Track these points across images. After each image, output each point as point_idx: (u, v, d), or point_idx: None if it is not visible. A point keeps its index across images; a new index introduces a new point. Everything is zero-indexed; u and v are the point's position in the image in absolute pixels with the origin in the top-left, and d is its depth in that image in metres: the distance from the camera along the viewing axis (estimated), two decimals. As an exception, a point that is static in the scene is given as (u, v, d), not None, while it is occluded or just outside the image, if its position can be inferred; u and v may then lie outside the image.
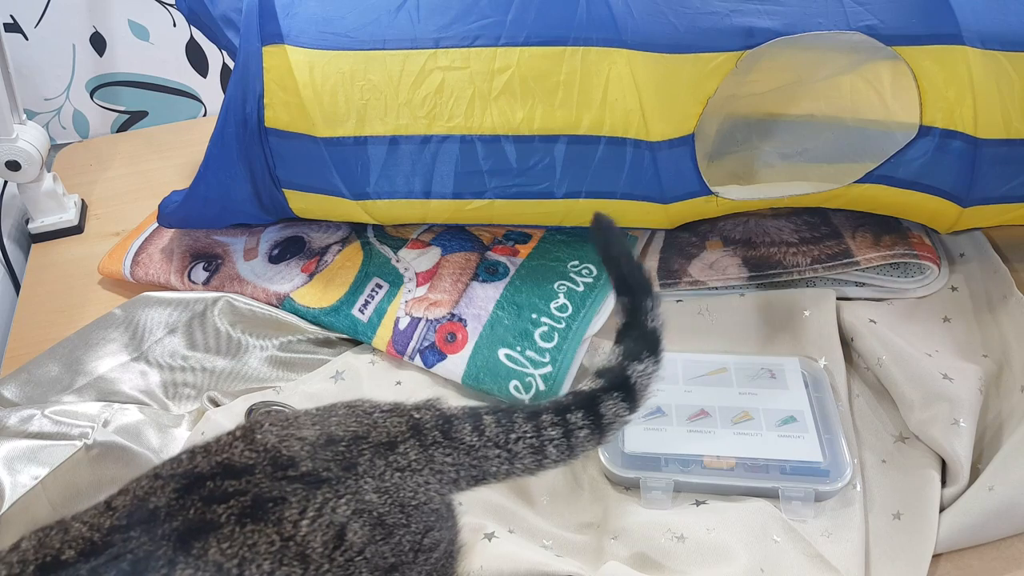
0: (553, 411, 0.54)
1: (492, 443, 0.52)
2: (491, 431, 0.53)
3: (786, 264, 0.82)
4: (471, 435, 0.52)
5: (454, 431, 0.52)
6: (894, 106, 0.82)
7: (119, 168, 1.13)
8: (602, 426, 0.55)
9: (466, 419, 0.53)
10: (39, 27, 1.10)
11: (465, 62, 0.74)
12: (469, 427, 0.52)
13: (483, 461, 0.52)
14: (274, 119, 0.77)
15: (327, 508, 0.47)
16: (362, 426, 0.51)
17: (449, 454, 0.51)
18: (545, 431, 0.53)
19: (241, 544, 0.45)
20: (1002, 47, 0.71)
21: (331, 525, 0.47)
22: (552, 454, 0.53)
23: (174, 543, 0.45)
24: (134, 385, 0.78)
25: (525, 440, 0.53)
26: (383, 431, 0.51)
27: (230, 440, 0.50)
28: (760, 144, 0.90)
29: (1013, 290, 0.79)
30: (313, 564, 0.46)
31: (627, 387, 0.56)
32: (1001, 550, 0.63)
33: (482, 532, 0.63)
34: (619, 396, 0.56)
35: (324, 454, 0.49)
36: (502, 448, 0.52)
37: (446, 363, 0.77)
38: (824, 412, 0.71)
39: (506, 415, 0.54)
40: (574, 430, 0.54)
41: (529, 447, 0.53)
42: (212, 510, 0.46)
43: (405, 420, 0.52)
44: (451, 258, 0.85)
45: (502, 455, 0.52)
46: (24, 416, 0.72)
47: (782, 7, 0.73)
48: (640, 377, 0.57)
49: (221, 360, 0.81)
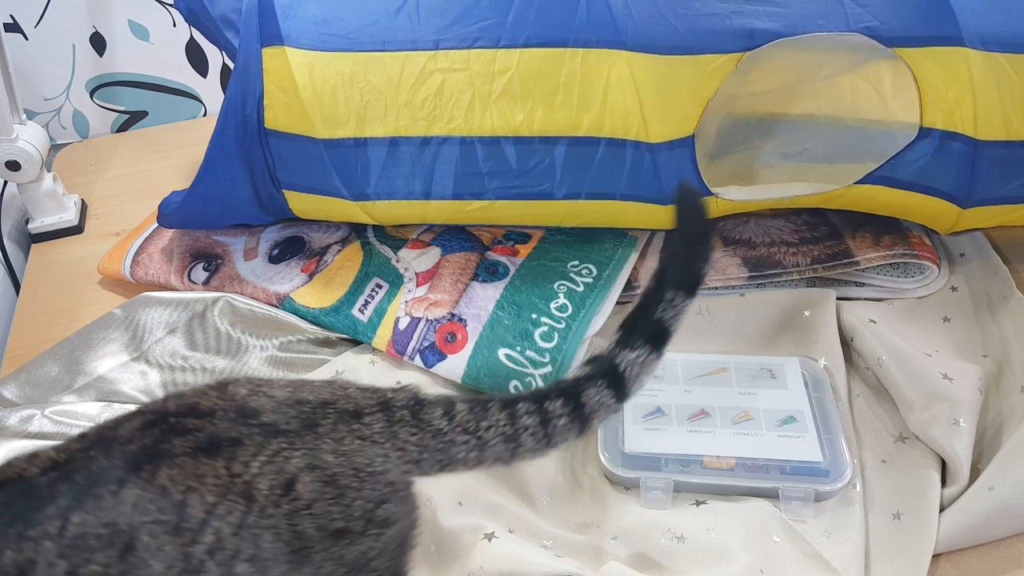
0: (531, 399, 0.53)
1: (461, 429, 0.52)
2: (462, 417, 0.52)
3: (786, 264, 0.82)
4: (440, 419, 0.52)
5: (423, 413, 0.52)
6: (894, 107, 0.82)
7: (119, 168, 1.13)
8: (583, 415, 0.53)
9: (439, 404, 0.53)
10: (39, 27, 1.10)
11: (465, 64, 0.74)
12: (440, 411, 0.52)
13: (450, 446, 0.52)
14: (274, 120, 0.77)
15: (280, 456, 0.48)
16: (333, 395, 0.52)
17: (414, 434, 0.51)
18: (520, 420, 0.52)
19: (190, 474, 0.47)
20: (1002, 48, 0.71)
21: (281, 472, 0.47)
22: (527, 443, 0.53)
23: (126, 464, 0.47)
24: (134, 385, 0.78)
25: (497, 428, 0.52)
26: (352, 401, 0.51)
27: (204, 388, 0.52)
28: (760, 144, 0.90)
29: (1013, 290, 0.79)
30: (257, 505, 0.46)
31: (615, 375, 0.54)
32: (1001, 550, 0.64)
33: (482, 532, 0.63)
34: (604, 384, 0.54)
35: (288, 411, 0.50)
36: (471, 435, 0.52)
37: (446, 363, 0.77)
38: (824, 412, 0.71)
39: (481, 404, 0.53)
40: (552, 419, 0.53)
41: (501, 435, 0.52)
42: (169, 440, 0.48)
43: (377, 396, 0.52)
44: (451, 258, 0.85)
45: (471, 442, 0.52)
46: (24, 416, 0.72)
47: (782, 9, 0.73)
48: (630, 367, 0.54)
49: (221, 360, 0.81)
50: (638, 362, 0.55)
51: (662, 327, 0.56)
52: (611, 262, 0.83)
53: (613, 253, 0.84)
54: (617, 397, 0.54)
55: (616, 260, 0.84)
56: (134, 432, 0.49)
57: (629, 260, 0.84)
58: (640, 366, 0.55)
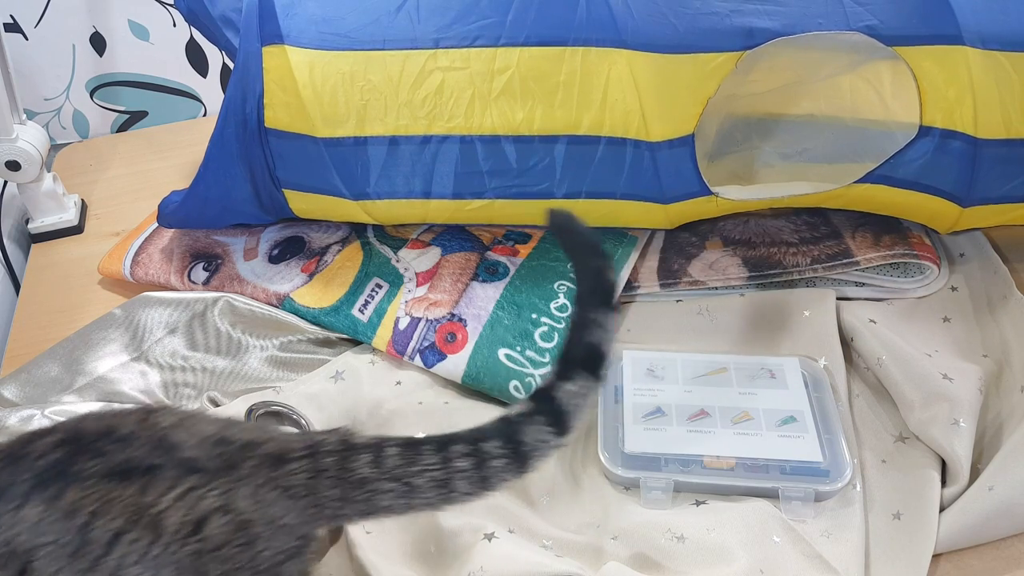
0: (467, 440, 0.51)
1: (389, 477, 0.50)
2: (391, 463, 0.50)
3: (786, 264, 0.82)
4: (367, 467, 0.50)
5: (350, 461, 0.50)
6: (894, 106, 0.82)
7: (119, 168, 1.13)
8: (522, 454, 0.51)
9: (368, 449, 0.50)
10: (39, 27, 1.10)
11: (465, 62, 0.74)
12: (368, 458, 0.50)
13: (374, 495, 0.50)
14: (274, 119, 0.77)
15: (195, 493, 0.46)
16: (259, 437, 0.50)
17: (336, 486, 0.49)
18: (453, 463, 0.50)
19: (98, 498, 0.45)
20: (1002, 47, 0.71)
21: (193, 509, 0.46)
22: (461, 487, 0.50)
23: (33, 482, 0.46)
24: (134, 385, 0.78)
25: (428, 473, 0.50)
26: (278, 445, 0.50)
27: (126, 412, 0.51)
28: (760, 144, 0.90)
29: (1013, 290, 0.79)
30: (163, 539, 0.45)
31: (554, 411, 0.52)
32: (1001, 550, 0.63)
33: (482, 532, 0.63)
34: (544, 421, 0.52)
35: (211, 449, 0.48)
36: (399, 482, 0.50)
37: (446, 363, 0.77)
38: (824, 412, 0.71)
39: (413, 447, 0.51)
40: (488, 460, 0.51)
41: (432, 480, 0.50)
42: (80, 461, 0.47)
43: (305, 440, 0.51)
44: (451, 258, 0.85)
45: (399, 489, 0.50)
46: (24, 416, 0.72)
47: (782, 7, 0.73)
48: (570, 399, 0.53)
49: (221, 360, 0.81)
50: (577, 393, 0.53)
51: (596, 350, 0.55)
52: (611, 262, 0.83)
53: (613, 253, 0.84)
54: (557, 432, 0.52)
55: (616, 260, 0.84)
56: (46, 449, 0.47)
57: (629, 260, 0.84)
58: (580, 396, 0.53)
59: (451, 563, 0.63)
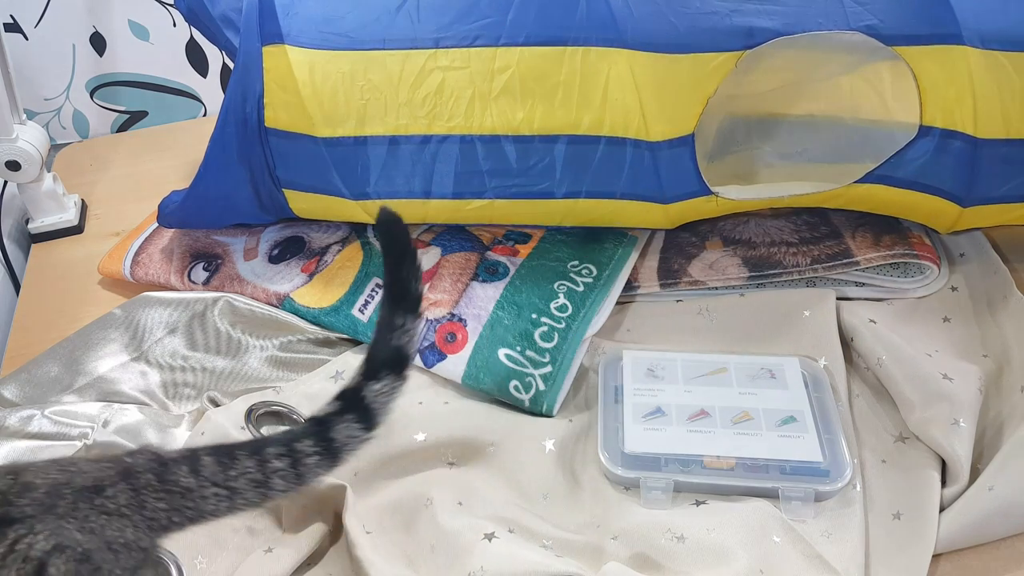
0: (280, 443, 0.54)
1: (210, 483, 0.52)
2: (209, 471, 0.52)
3: (786, 264, 0.82)
4: (187, 477, 0.51)
5: (169, 474, 0.51)
6: (894, 106, 0.82)
7: (119, 168, 1.13)
8: (333, 450, 0.55)
9: (183, 461, 0.52)
10: (39, 27, 1.10)
11: (465, 62, 0.74)
12: (186, 469, 0.52)
13: (200, 502, 0.51)
14: (274, 119, 0.77)
15: (22, 543, 0.46)
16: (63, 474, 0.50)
17: (162, 499, 0.50)
18: (270, 463, 0.53)
19: None
20: (1002, 47, 0.71)
21: (28, 560, 0.45)
22: (278, 485, 0.53)
23: None
24: (134, 385, 0.78)
25: (247, 476, 0.52)
26: (88, 476, 0.50)
27: None
28: (760, 144, 0.90)
29: (1013, 290, 0.79)
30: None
31: (362, 408, 0.56)
32: (1001, 550, 0.63)
33: (482, 532, 0.63)
34: (353, 418, 0.56)
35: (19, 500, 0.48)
36: (221, 486, 0.52)
37: (446, 363, 0.77)
38: (824, 412, 0.71)
39: (227, 453, 0.53)
40: (302, 458, 0.54)
41: (251, 481, 0.53)
42: None
43: (115, 466, 0.51)
44: (451, 258, 0.85)
45: (221, 493, 0.52)
46: (24, 416, 0.72)
47: (782, 7, 0.73)
48: (376, 396, 0.57)
49: (221, 360, 0.81)
50: (383, 391, 0.57)
51: (401, 353, 0.59)
52: (611, 262, 0.83)
53: (613, 253, 0.84)
54: (366, 428, 0.56)
55: (616, 260, 0.84)
56: None
57: (629, 260, 0.84)
58: (385, 395, 0.58)
59: (451, 563, 0.63)
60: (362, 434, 0.56)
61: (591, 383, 0.77)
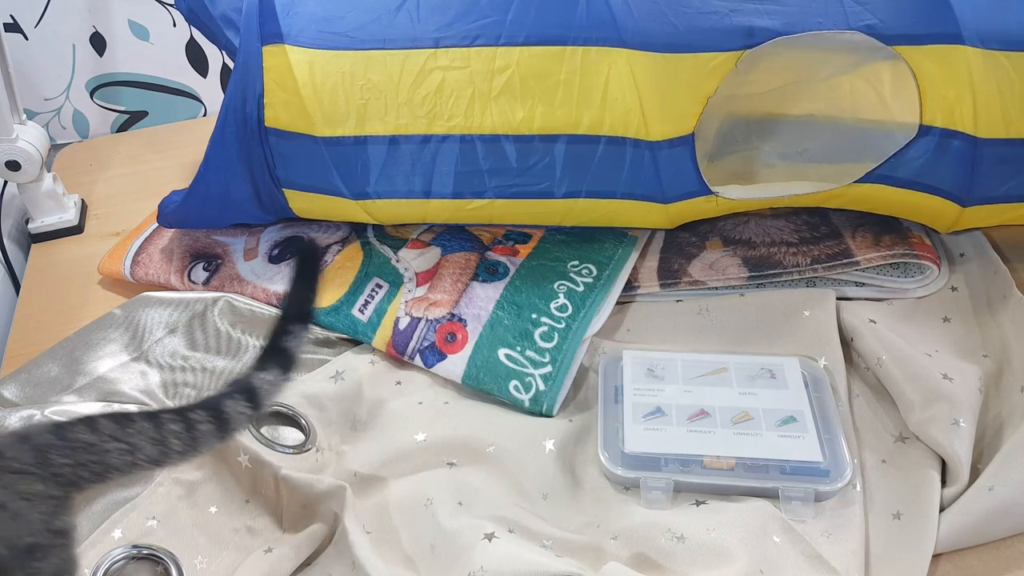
0: (173, 411, 0.58)
1: (110, 438, 0.54)
2: (108, 429, 0.54)
3: (786, 264, 0.82)
4: (87, 434, 0.54)
5: (68, 433, 0.53)
6: (894, 106, 0.82)
7: (119, 168, 1.13)
8: (223, 421, 0.59)
9: (80, 423, 0.54)
10: (39, 27, 1.10)
11: (465, 61, 0.74)
12: (84, 428, 0.54)
13: (104, 455, 0.54)
14: (274, 119, 0.77)
15: None
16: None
17: (66, 455, 0.53)
18: (165, 426, 0.56)
19: None
20: (1002, 47, 0.71)
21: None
22: (175, 445, 0.56)
23: None
24: (134, 385, 0.78)
25: (144, 434, 0.55)
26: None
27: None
28: (760, 144, 0.90)
29: (1013, 290, 0.79)
30: None
31: (250, 390, 0.61)
32: (1001, 550, 0.63)
33: (482, 532, 0.63)
34: (242, 398, 0.60)
35: None
36: (121, 441, 0.54)
37: (446, 363, 0.77)
38: (824, 412, 0.71)
39: (123, 416, 0.56)
40: (196, 424, 0.57)
41: (150, 439, 0.55)
42: None
43: (12, 434, 0.53)
44: (451, 258, 0.85)
45: (122, 447, 0.54)
46: (24, 416, 0.72)
47: (782, 7, 0.73)
48: (263, 383, 0.62)
49: (221, 360, 0.81)
50: (269, 380, 0.62)
51: (288, 354, 0.64)
52: (611, 262, 0.83)
53: (613, 253, 0.84)
54: (252, 407, 0.61)
55: (616, 260, 0.84)
56: None
57: (629, 260, 0.84)
58: (271, 384, 0.62)
59: (451, 563, 0.63)
60: (248, 411, 0.60)
61: (591, 383, 0.77)
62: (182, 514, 0.68)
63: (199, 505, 0.69)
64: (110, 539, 0.66)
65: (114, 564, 0.65)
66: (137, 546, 0.66)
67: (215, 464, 0.71)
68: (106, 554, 0.65)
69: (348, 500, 0.66)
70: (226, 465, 0.71)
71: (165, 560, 0.65)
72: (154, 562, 0.65)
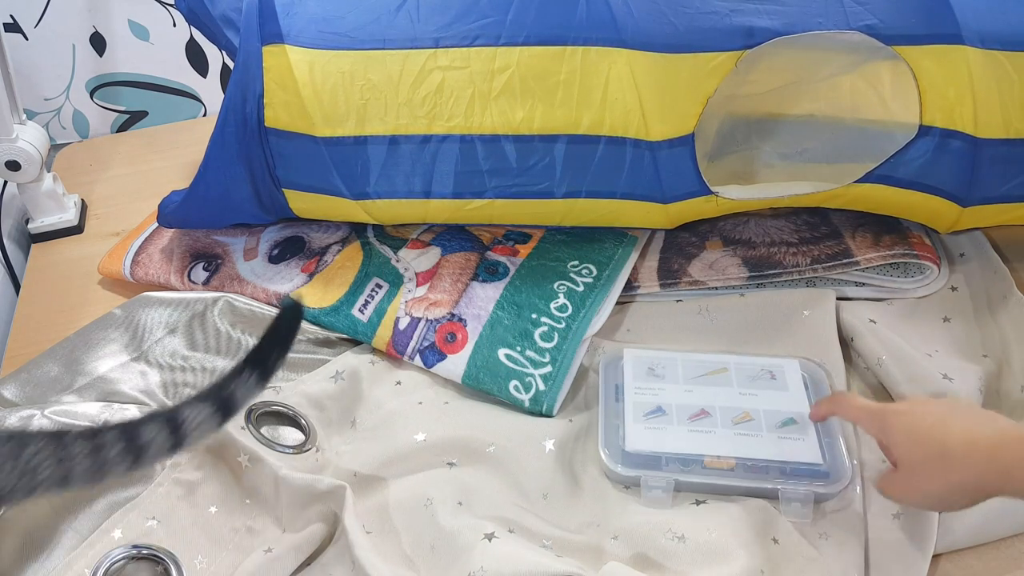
0: (82, 433, 0.55)
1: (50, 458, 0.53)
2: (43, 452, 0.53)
3: (786, 264, 0.82)
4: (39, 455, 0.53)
5: None
6: (894, 106, 0.82)
7: (119, 168, 1.13)
8: (136, 449, 0.56)
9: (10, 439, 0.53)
10: (39, 27, 1.10)
11: (465, 62, 0.74)
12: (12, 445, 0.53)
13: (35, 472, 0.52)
14: (274, 119, 0.77)
15: None
16: None
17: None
18: (69, 448, 0.54)
19: None
20: (1002, 47, 0.71)
21: None
22: (78, 470, 0.54)
23: None
24: (134, 385, 0.78)
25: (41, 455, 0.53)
26: None
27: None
28: (760, 144, 0.90)
29: (1013, 290, 0.79)
30: None
31: (175, 424, 0.58)
32: (1001, 550, 0.64)
33: (482, 532, 0.63)
34: (164, 430, 0.57)
35: None
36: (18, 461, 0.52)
37: (446, 363, 0.77)
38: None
39: (60, 436, 0.54)
40: (105, 448, 0.55)
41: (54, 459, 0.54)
42: None
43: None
44: (451, 258, 0.85)
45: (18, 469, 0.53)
46: (24, 416, 0.72)
47: (782, 7, 0.73)
48: (190, 422, 0.58)
49: (221, 360, 0.81)
50: (198, 419, 0.58)
51: (230, 400, 0.60)
52: (611, 262, 0.83)
53: (613, 253, 0.84)
54: (171, 445, 0.58)
55: (616, 260, 0.84)
56: None
57: (629, 260, 0.84)
58: (199, 424, 0.58)
59: (451, 563, 0.63)
60: (165, 447, 0.57)
61: (591, 383, 0.77)
62: (182, 514, 0.68)
63: (199, 505, 0.69)
64: (110, 539, 0.66)
65: (114, 564, 0.65)
66: (137, 546, 0.66)
67: (215, 464, 0.71)
68: (106, 554, 0.65)
69: (348, 500, 0.66)
70: (226, 465, 0.71)
71: (165, 560, 0.65)
72: (154, 562, 0.65)
